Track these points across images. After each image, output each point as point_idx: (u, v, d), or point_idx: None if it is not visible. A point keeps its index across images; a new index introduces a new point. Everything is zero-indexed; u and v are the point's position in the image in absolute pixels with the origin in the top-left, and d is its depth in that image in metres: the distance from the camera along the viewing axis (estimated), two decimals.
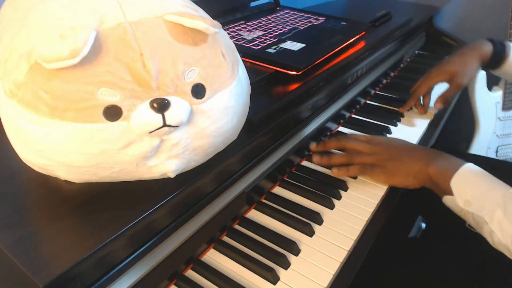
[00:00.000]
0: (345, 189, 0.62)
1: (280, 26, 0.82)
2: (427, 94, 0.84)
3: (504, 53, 0.79)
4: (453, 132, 0.73)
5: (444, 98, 0.80)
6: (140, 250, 0.40)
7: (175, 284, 0.47)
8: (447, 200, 0.54)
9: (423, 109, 0.84)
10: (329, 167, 0.66)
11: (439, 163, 0.56)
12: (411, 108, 0.86)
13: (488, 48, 0.80)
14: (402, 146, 0.63)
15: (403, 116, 0.85)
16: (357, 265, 0.52)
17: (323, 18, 0.89)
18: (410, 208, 0.79)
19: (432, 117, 0.83)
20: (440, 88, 0.85)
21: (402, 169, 0.59)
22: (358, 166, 0.62)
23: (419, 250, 0.66)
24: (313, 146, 0.68)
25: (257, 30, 0.79)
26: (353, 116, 0.84)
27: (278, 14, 0.91)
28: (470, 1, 1.20)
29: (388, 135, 0.77)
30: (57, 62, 0.31)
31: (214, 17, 0.41)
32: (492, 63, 0.80)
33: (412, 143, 0.66)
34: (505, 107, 1.18)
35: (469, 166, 0.54)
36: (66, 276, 0.33)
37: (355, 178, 0.65)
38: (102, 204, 0.40)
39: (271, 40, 0.74)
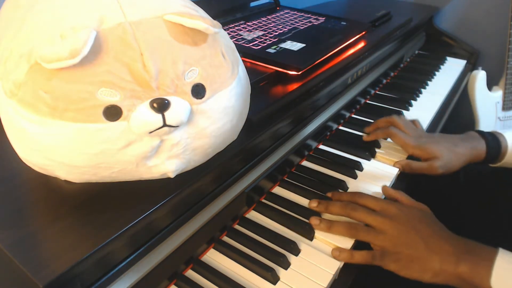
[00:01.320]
0: (345, 189, 0.62)
1: (280, 26, 0.82)
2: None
3: (500, 147, 0.67)
4: (453, 132, 0.72)
5: (408, 166, 0.67)
6: (140, 250, 0.40)
7: (175, 284, 0.47)
8: None
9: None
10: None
11: (469, 258, 0.46)
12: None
13: (481, 146, 0.67)
14: (422, 229, 0.50)
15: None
16: (357, 265, 0.52)
17: (323, 18, 0.89)
18: None
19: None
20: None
21: (417, 262, 0.48)
22: (366, 253, 0.51)
23: None
24: (313, 204, 0.58)
25: (257, 30, 0.79)
26: (353, 116, 0.84)
27: (278, 14, 0.91)
28: (470, 1, 1.20)
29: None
30: (57, 62, 0.31)
31: (214, 17, 0.41)
32: (489, 160, 0.68)
33: (436, 224, 0.52)
34: (505, 107, 1.18)
35: (504, 255, 0.46)
36: (66, 276, 0.33)
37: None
38: (102, 204, 0.40)
39: (271, 40, 0.74)
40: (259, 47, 0.71)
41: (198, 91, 0.36)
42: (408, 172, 0.67)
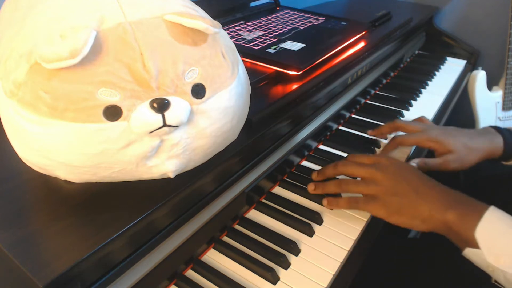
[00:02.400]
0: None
1: (280, 26, 0.82)
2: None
3: None
4: None
5: (424, 163, 0.63)
6: (140, 250, 0.40)
7: (175, 284, 0.48)
8: (470, 253, 0.46)
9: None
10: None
11: (459, 207, 0.47)
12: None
13: (498, 141, 0.65)
14: (414, 179, 0.52)
15: (403, 117, 0.85)
16: (357, 265, 0.52)
17: (323, 18, 0.89)
18: None
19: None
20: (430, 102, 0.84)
21: (407, 209, 0.49)
22: (348, 200, 0.54)
23: (419, 250, 0.66)
24: (314, 175, 0.61)
25: (257, 30, 0.79)
26: (353, 116, 0.84)
27: (278, 14, 0.91)
28: (470, 1, 1.20)
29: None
30: (57, 62, 0.31)
31: (214, 17, 0.41)
32: (508, 156, 0.65)
33: (426, 177, 0.53)
34: (505, 107, 1.18)
35: (494, 211, 0.46)
36: (66, 276, 0.33)
37: None
38: (102, 204, 0.40)
39: (271, 40, 0.74)
40: (259, 47, 0.71)
41: (198, 91, 0.36)
42: (425, 170, 0.63)
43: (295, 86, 0.62)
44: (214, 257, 0.51)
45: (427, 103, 0.93)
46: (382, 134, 0.72)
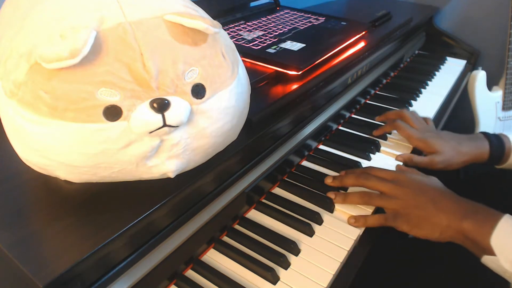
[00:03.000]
0: (345, 189, 0.62)
1: (280, 26, 0.82)
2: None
3: (504, 148, 0.69)
4: (453, 131, 0.72)
5: (410, 160, 0.68)
6: (140, 250, 0.40)
7: (175, 284, 0.48)
8: (487, 260, 0.47)
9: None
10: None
11: (474, 216, 0.49)
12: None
13: (484, 147, 0.69)
14: (432, 192, 0.54)
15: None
16: (357, 265, 0.52)
17: (323, 18, 0.89)
18: None
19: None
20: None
21: (427, 221, 0.52)
22: (378, 216, 0.55)
23: (420, 250, 0.66)
24: (328, 180, 0.62)
25: (257, 30, 0.79)
26: (353, 116, 0.85)
27: (278, 14, 0.91)
28: (470, 1, 1.20)
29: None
30: (57, 62, 0.31)
31: (214, 17, 0.41)
32: (493, 161, 0.70)
33: (443, 187, 0.56)
34: (505, 107, 1.18)
35: (509, 219, 0.48)
36: (66, 276, 0.33)
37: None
38: (102, 204, 0.40)
39: (271, 40, 0.74)
40: (259, 47, 0.71)
41: (198, 91, 0.36)
42: (410, 165, 0.68)
43: (295, 86, 0.62)
44: (214, 257, 0.51)
45: (427, 103, 0.93)
46: (388, 119, 0.76)
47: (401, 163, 0.69)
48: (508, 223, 0.47)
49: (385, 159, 0.71)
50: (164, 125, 0.34)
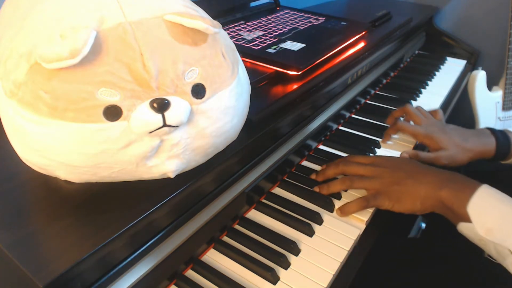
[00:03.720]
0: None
1: (280, 26, 0.82)
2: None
3: (510, 144, 0.69)
4: None
5: (415, 155, 0.67)
6: (140, 250, 0.40)
7: (175, 284, 0.47)
8: (463, 227, 0.49)
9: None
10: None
11: (452, 185, 0.50)
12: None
13: (491, 143, 0.68)
14: (409, 168, 0.56)
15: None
16: (357, 265, 0.52)
17: (323, 18, 0.89)
18: None
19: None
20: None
21: (407, 194, 0.53)
22: (359, 200, 0.56)
23: (420, 250, 0.66)
24: (313, 176, 0.64)
25: (257, 30, 0.79)
26: (353, 116, 0.84)
27: (278, 14, 0.91)
28: (470, 1, 1.20)
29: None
30: (57, 62, 0.31)
31: (214, 17, 0.41)
32: (500, 157, 0.69)
33: (422, 165, 0.58)
34: (505, 107, 1.18)
35: (486, 188, 0.49)
36: (66, 276, 0.33)
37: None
38: (102, 204, 0.40)
39: (271, 40, 0.74)
40: (259, 47, 0.71)
41: (198, 91, 0.36)
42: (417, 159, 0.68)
43: (295, 86, 0.62)
44: (214, 257, 0.51)
45: (427, 103, 0.93)
46: (394, 118, 0.75)
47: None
48: (486, 192, 0.48)
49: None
50: (164, 125, 0.34)
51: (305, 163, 0.69)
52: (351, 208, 0.56)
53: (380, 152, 0.73)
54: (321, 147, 0.73)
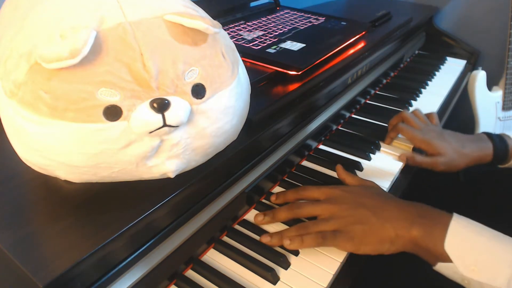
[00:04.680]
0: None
1: (280, 26, 0.82)
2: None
3: (508, 149, 0.68)
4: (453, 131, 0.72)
5: (413, 159, 0.67)
6: (140, 250, 0.40)
7: (175, 284, 0.47)
8: (442, 268, 0.44)
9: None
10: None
11: (422, 221, 0.46)
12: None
13: (488, 148, 0.68)
14: (371, 203, 0.50)
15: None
16: (357, 265, 0.52)
17: (323, 18, 0.89)
18: None
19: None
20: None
21: (371, 234, 0.47)
22: (314, 236, 0.49)
23: None
24: (258, 218, 0.55)
25: (257, 30, 0.79)
26: (353, 116, 0.84)
27: (278, 14, 0.91)
28: (470, 1, 1.20)
29: None
30: (57, 62, 0.31)
31: (214, 17, 0.41)
32: (497, 162, 0.69)
33: (384, 193, 0.53)
34: (505, 107, 1.18)
35: (458, 219, 0.45)
36: (66, 276, 0.33)
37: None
38: (102, 204, 0.40)
39: (271, 40, 0.74)
40: (259, 47, 0.71)
41: (198, 91, 0.36)
42: (412, 165, 0.68)
43: (295, 86, 0.62)
44: (214, 257, 0.51)
45: (427, 103, 0.93)
46: (392, 126, 0.75)
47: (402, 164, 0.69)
48: (459, 224, 0.45)
49: (385, 159, 0.71)
50: (164, 125, 0.34)
51: (305, 163, 0.69)
52: (305, 242, 0.49)
53: (380, 153, 0.72)
54: (321, 147, 0.73)
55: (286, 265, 0.49)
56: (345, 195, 0.52)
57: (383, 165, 0.69)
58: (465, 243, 0.43)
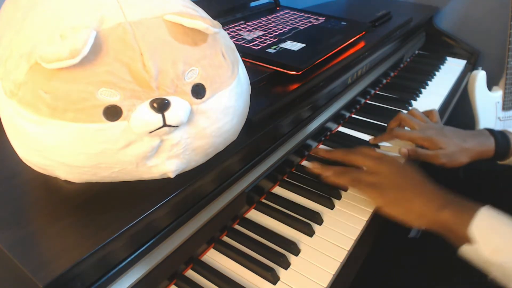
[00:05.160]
0: (345, 189, 0.62)
1: (280, 26, 0.82)
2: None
3: (509, 144, 0.68)
4: None
5: (414, 152, 0.68)
6: (140, 250, 0.40)
7: (175, 284, 0.48)
8: (466, 250, 0.47)
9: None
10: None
11: (452, 207, 0.50)
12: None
13: (490, 143, 0.68)
14: (411, 178, 0.55)
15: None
16: (357, 265, 0.52)
17: (323, 18, 0.89)
18: None
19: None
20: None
21: (403, 202, 0.53)
22: (351, 177, 0.57)
23: (419, 250, 0.66)
24: (321, 151, 0.65)
25: (257, 30, 0.79)
26: (353, 116, 0.84)
27: (278, 14, 0.91)
28: (470, 1, 1.20)
29: None
30: (57, 62, 0.31)
31: (214, 17, 0.41)
32: (499, 157, 0.69)
33: (426, 178, 0.56)
34: (505, 107, 1.18)
35: (488, 209, 0.48)
36: (66, 276, 0.33)
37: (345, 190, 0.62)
38: (102, 204, 0.40)
39: (271, 40, 0.74)
40: (259, 47, 0.71)
41: (198, 91, 0.36)
42: (413, 158, 0.68)
43: (295, 86, 0.62)
44: (214, 257, 0.51)
45: (427, 103, 0.93)
46: (389, 129, 0.74)
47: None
48: (488, 213, 0.48)
49: None
50: (164, 125, 0.34)
51: (305, 163, 0.69)
52: (341, 178, 0.57)
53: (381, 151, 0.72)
54: (321, 147, 0.73)
55: (286, 265, 0.49)
56: (394, 162, 0.58)
57: None
58: (489, 228, 0.46)
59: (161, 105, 0.34)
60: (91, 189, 0.41)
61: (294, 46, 0.72)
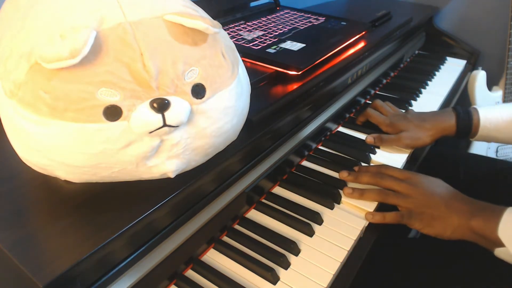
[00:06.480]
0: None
1: (280, 26, 0.82)
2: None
3: (471, 120, 0.71)
4: None
5: (379, 138, 0.73)
6: (140, 250, 0.40)
7: (175, 284, 0.48)
8: (500, 252, 0.50)
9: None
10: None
11: (481, 214, 0.52)
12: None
13: (450, 120, 0.72)
14: (442, 192, 0.57)
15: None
16: (357, 265, 0.52)
17: (323, 18, 0.89)
18: None
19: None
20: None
21: (439, 220, 0.54)
22: (395, 214, 0.57)
23: (419, 250, 0.66)
24: (344, 174, 0.63)
25: (257, 30, 0.79)
26: (353, 116, 0.84)
27: (278, 14, 0.91)
28: (470, 1, 1.20)
29: None
30: (57, 62, 0.31)
31: (214, 17, 0.41)
32: (463, 133, 0.72)
33: (450, 187, 0.59)
34: None
35: (510, 210, 0.51)
36: (66, 276, 0.33)
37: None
38: (102, 204, 0.40)
39: (271, 40, 0.74)
40: (259, 47, 0.71)
41: (198, 91, 0.36)
42: (378, 144, 0.73)
43: (295, 86, 0.62)
44: (214, 257, 0.51)
45: (427, 103, 0.93)
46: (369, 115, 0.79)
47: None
48: (511, 214, 0.50)
49: (385, 159, 0.71)
50: (164, 125, 0.34)
51: (305, 163, 0.69)
52: (386, 218, 0.57)
53: (378, 153, 0.72)
54: (321, 147, 0.73)
55: (286, 265, 0.49)
56: (422, 181, 0.58)
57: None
58: None
59: (161, 105, 0.34)
60: (91, 189, 0.41)
61: (294, 46, 0.72)
